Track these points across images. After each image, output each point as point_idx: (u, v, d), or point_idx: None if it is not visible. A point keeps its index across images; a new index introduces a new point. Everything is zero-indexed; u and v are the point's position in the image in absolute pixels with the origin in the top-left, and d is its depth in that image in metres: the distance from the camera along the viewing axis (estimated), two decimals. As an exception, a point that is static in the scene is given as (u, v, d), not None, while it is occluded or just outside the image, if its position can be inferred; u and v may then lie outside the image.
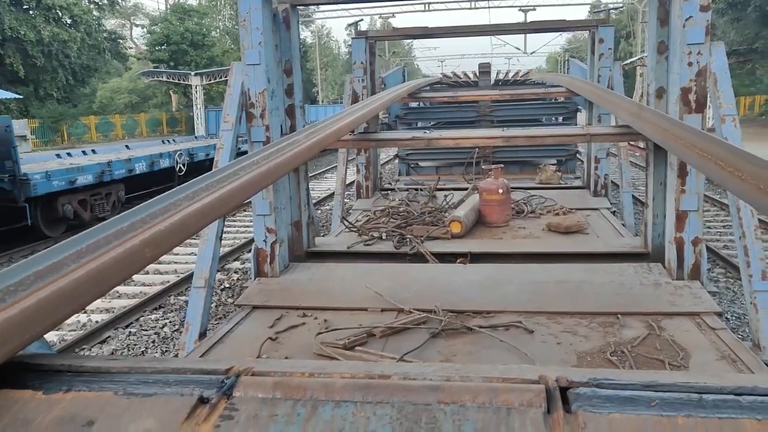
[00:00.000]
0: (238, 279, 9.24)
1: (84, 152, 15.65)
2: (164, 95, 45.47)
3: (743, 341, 3.60)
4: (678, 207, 4.08)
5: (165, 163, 16.04)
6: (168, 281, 9.07)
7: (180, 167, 16.45)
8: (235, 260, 10.36)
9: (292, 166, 3.58)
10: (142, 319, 7.76)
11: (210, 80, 32.61)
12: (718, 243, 10.16)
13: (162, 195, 1.99)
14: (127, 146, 17.71)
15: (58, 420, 1.02)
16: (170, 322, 7.66)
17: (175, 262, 10.23)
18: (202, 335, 3.79)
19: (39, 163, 12.98)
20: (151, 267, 9.79)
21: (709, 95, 3.98)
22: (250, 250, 10.45)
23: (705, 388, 1.01)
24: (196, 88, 31.67)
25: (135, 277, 9.33)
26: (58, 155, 14.74)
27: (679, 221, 4.11)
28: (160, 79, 35.53)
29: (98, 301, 7.95)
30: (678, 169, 4.02)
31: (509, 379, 1.06)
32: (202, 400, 1.04)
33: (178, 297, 8.54)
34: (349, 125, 4.26)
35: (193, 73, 32.81)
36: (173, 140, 20.97)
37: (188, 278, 8.78)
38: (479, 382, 1.05)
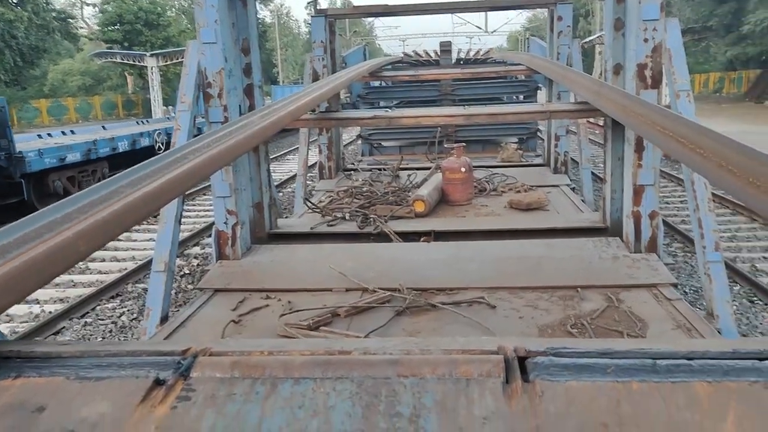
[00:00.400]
0: (198, 264, 9.09)
1: (63, 132, 16.13)
2: (119, 77, 44.21)
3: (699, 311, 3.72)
4: (635, 182, 4.16)
5: (145, 142, 16.49)
6: (126, 268, 8.81)
7: (159, 146, 16.78)
8: (195, 245, 10.18)
9: (251, 146, 3.53)
10: (98, 308, 7.53)
11: (167, 61, 31.86)
12: (676, 218, 10.42)
13: (111, 178, 1.94)
14: (103, 127, 18.06)
15: (7, 407, 0.99)
16: (128, 310, 7.44)
17: (133, 249, 9.97)
18: (164, 320, 3.73)
19: (29, 142, 13.63)
20: (108, 254, 9.53)
21: (664, 71, 4.05)
22: (209, 235, 10.33)
23: (659, 353, 1.03)
24: (152, 69, 30.92)
25: (91, 264, 9.07)
26: (39, 136, 15.28)
27: (636, 195, 4.19)
28: (114, 60, 34.53)
29: (52, 291, 7.75)
30: (635, 144, 4.09)
31: (468, 351, 1.06)
32: (158, 382, 1.02)
33: (136, 285, 8.32)
34: (309, 104, 4.21)
35: (148, 54, 32.00)
36: (147, 121, 21.04)
37: (147, 265, 8.54)
38: (439, 355, 1.05)
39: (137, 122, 20.38)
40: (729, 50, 33.35)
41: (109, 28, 40.18)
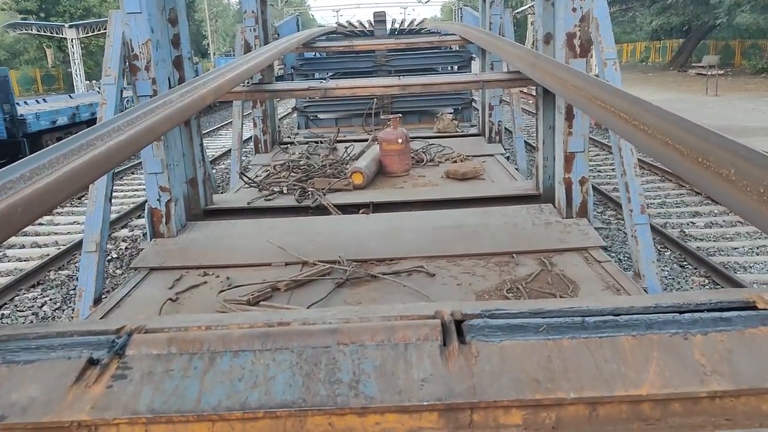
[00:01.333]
0: (126, 248, 8.75)
1: (37, 101, 17.66)
2: (37, 50, 41.75)
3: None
4: (566, 149, 4.28)
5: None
6: (48, 254, 8.26)
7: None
8: (123, 227, 9.79)
9: (183, 119, 3.43)
10: (17, 298, 7.03)
11: (88, 33, 30.31)
12: (608, 186, 10.71)
13: (34, 155, 1.86)
14: (70, 96, 19.71)
15: None
16: (50, 300, 6.98)
17: (55, 233, 9.39)
18: (97, 301, 3.62)
19: (27, 106, 15.57)
20: (28, 240, 8.94)
21: (592, 40, 4.16)
22: (140, 216, 9.99)
23: (587, 311, 1.08)
24: (72, 41, 29.37)
25: (9, 251, 8.48)
26: (37, 101, 17.29)
27: (567, 162, 4.32)
28: (30, 31, 32.55)
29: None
30: (565, 112, 4.20)
31: (406, 317, 1.08)
32: (92, 362, 1.00)
33: (60, 271, 7.84)
34: (242, 75, 4.11)
35: (67, 25, 30.33)
36: (71, 96, 20.94)
37: (72, 249, 8.16)
38: (377, 322, 1.07)
39: (98, 91, 20.22)
40: (654, 20, 34.43)
41: (23, -2, 37.80)
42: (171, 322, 1.11)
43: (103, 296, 3.79)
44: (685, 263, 7.32)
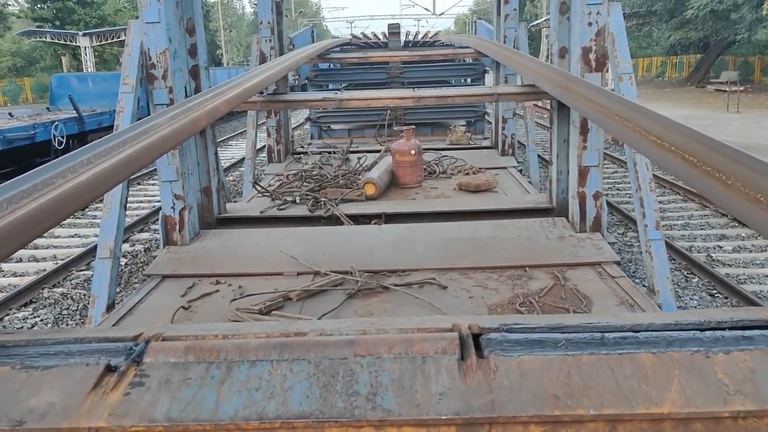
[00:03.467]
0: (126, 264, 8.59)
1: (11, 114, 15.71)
2: (53, 58, 42.24)
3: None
4: (580, 163, 4.27)
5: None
6: (44, 269, 7.81)
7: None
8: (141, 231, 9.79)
9: (199, 129, 3.45)
10: (6, 318, 6.60)
11: (101, 41, 30.63)
12: (629, 205, 9.75)
13: (50, 163, 1.87)
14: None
15: None
16: (42, 320, 6.52)
17: (54, 246, 8.91)
18: (110, 307, 3.64)
19: None
20: (25, 253, 8.41)
21: (608, 54, 4.15)
22: (154, 222, 10.00)
23: (606, 327, 1.07)
24: (85, 49, 29.68)
25: (3, 266, 7.99)
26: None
27: (581, 176, 4.30)
28: (44, 39, 32.89)
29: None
30: (580, 126, 4.19)
31: (424, 329, 1.08)
32: (110, 369, 1.00)
33: (54, 289, 7.32)
34: (258, 85, 4.14)
35: (81, 34, 30.67)
36: None
37: (69, 265, 7.83)
38: (394, 334, 1.06)
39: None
40: (672, 35, 34.22)
41: (39, 6, 38.20)
42: (188, 330, 1.12)
43: (116, 302, 3.81)
44: (714, 291, 6.74)
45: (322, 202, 5.52)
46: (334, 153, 8.24)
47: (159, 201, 4.73)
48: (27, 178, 1.72)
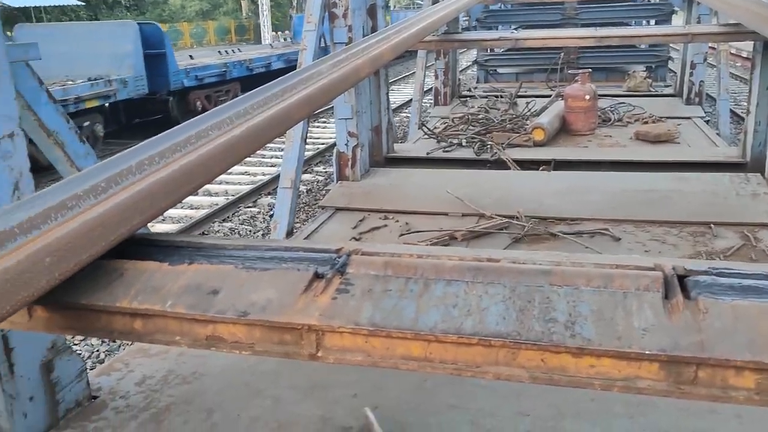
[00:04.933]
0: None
1: (226, 51, 17.53)
2: (235, 2, 44.88)
3: None
4: None
5: (279, 65, 16.75)
6: (216, 204, 8.15)
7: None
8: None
9: (375, 67, 3.52)
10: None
11: (278, -16, 31.86)
12: None
13: (242, 96, 2.01)
14: (239, 50, 19.20)
15: (185, 288, 1.09)
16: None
17: (227, 182, 9.24)
18: (289, 234, 3.93)
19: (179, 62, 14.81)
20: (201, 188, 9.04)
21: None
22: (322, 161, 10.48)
23: None
24: (261, -7, 31.14)
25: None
26: (191, 56, 16.54)
27: None
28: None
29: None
30: (791, 71, 3.71)
31: (623, 266, 1.04)
32: (318, 276, 1.08)
33: (223, 223, 7.67)
34: (433, 24, 4.12)
35: (259, -23, 32.15)
36: (239, 49, 21.28)
37: (238, 201, 8.23)
38: (591, 268, 1.04)
39: (271, 45, 20.94)
40: None
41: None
42: (384, 248, 1.17)
43: (294, 230, 4.10)
44: None
45: (488, 146, 5.46)
46: (501, 97, 8.05)
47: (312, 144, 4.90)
48: (226, 108, 1.85)
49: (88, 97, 10.84)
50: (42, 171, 3.52)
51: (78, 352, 4.61)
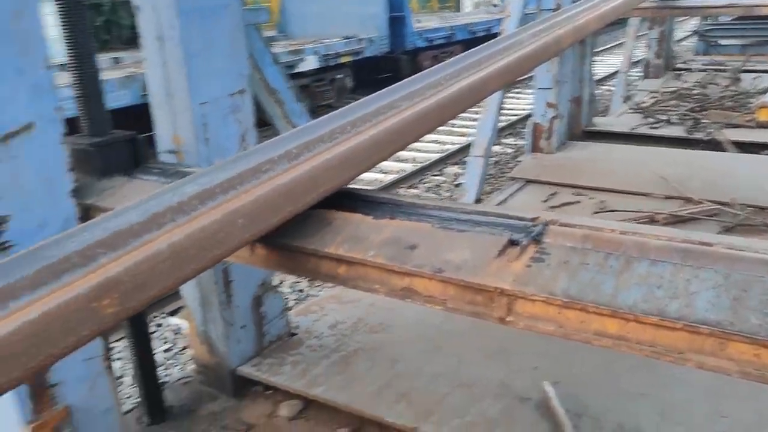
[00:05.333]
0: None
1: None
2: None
3: None
4: None
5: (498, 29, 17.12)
6: (404, 170, 8.27)
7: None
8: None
9: (579, 37, 3.34)
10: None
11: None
12: None
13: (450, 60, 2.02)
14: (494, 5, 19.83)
15: (386, 241, 1.16)
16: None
17: (416, 149, 9.21)
18: (477, 202, 3.95)
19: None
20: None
21: None
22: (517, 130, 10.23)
23: None
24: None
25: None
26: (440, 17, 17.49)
27: None
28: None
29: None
30: None
31: None
32: (512, 242, 1.09)
33: (409, 190, 7.67)
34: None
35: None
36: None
37: (425, 169, 8.30)
38: None
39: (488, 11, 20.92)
40: None
41: None
42: (583, 221, 1.14)
43: (482, 198, 4.11)
44: None
45: (703, 125, 4.98)
46: (722, 71, 7.24)
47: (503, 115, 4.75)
48: (431, 73, 1.88)
49: (344, 53, 12.13)
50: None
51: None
